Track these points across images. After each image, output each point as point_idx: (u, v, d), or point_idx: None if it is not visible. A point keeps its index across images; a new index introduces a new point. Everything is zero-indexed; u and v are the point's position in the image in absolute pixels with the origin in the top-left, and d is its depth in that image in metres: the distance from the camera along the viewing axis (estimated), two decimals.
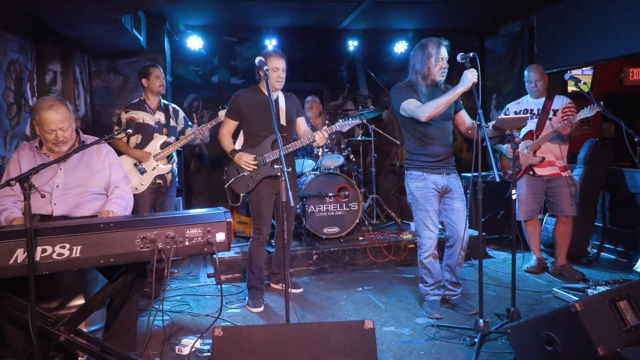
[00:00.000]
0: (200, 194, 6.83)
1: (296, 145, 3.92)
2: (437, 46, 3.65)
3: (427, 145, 3.71)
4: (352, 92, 7.51)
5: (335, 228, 5.53)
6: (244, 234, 5.58)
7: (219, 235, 2.62)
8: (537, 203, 4.78)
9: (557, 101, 4.71)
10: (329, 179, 5.58)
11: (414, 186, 3.77)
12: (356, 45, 7.20)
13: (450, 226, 3.79)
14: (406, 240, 5.39)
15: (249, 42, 6.94)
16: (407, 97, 3.64)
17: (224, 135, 4.06)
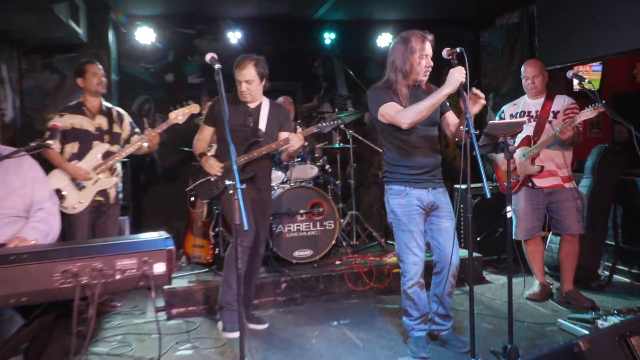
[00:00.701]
0: (153, 212, 6.74)
1: (267, 148, 4.06)
2: (421, 40, 3.60)
3: (410, 155, 3.66)
4: (329, 92, 7.48)
5: (308, 251, 5.47)
6: (201, 259, 5.49)
7: (158, 267, 2.50)
8: (537, 219, 4.75)
9: (558, 101, 4.69)
10: (301, 193, 5.52)
11: (395, 203, 3.71)
12: (333, 39, 7.17)
13: (437, 249, 3.74)
14: (390, 264, 5.33)
15: (210, 35, 6.88)
16: (385, 100, 3.59)
17: (198, 142, 4.28)
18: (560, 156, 4.65)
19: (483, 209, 5.77)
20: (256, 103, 4.24)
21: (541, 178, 4.65)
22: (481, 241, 5.92)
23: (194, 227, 5.57)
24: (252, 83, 4.10)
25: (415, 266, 3.69)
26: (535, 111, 4.72)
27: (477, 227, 5.90)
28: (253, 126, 4.17)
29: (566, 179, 4.66)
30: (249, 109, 4.20)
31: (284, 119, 4.30)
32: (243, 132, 4.14)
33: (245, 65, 4.06)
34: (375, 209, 7.33)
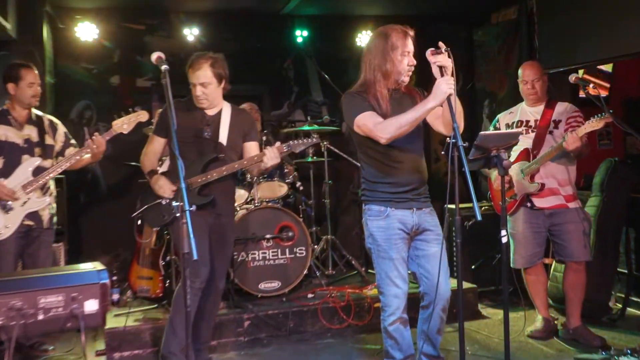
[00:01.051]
0: (94, 238, 6.65)
1: (235, 166, 4.03)
2: (402, 36, 3.62)
3: (392, 171, 3.65)
4: (302, 97, 7.49)
5: (275, 282, 5.43)
6: (149, 293, 5.42)
7: (90, 304, 2.45)
8: (538, 245, 4.76)
9: (560, 109, 4.73)
10: (267, 215, 5.50)
11: (374, 226, 3.69)
12: (306, 36, 7.19)
13: (424, 279, 3.71)
14: (372, 297, 5.31)
15: (162, 31, 6.88)
16: (362, 108, 3.57)
17: (146, 155, 4.23)
18: (562, 172, 4.66)
19: (478, 233, 5.77)
20: (215, 109, 4.17)
21: (541, 197, 4.66)
22: (476, 270, 5.92)
23: (141, 255, 5.49)
24: (209, 86, 4.03)
25: (397, 299, 3.66)
26: (535, 120, 4.75)
27: (472, 254, 5.90)
28: (212, 137, 4.10)
29: (570, 197, 4.67)
30: (206, 117, 4.14)
31: (248, 127, 4.25)
32: (199, 145, 4.09)
33: (200, 65, 3.99)
34: (355, 233, 7.30)
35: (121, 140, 4.74)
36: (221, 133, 4.12)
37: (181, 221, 2.97)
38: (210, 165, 4.04)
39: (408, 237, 3.69)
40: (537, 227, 4.72)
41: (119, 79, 6.83)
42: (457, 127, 3.14)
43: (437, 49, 3.37)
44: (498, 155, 3.35)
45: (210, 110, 4.16)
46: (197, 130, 4.09)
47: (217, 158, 4.06)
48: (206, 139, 4.10)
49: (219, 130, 4.12)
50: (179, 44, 6.69)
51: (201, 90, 4.03)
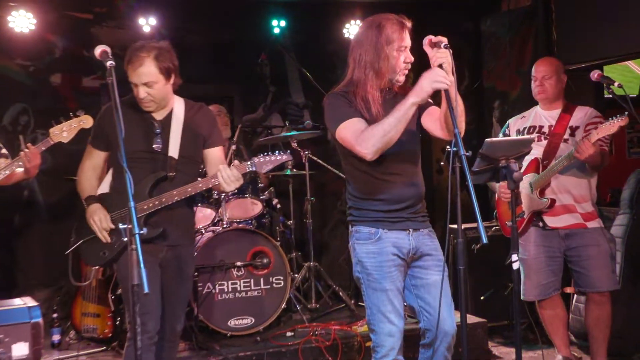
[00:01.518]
0: (32, 266, 6.62)
1: (181, 193, 3.80)
2: (399, 28, 3.62)
3: (383, 185, 3.65)
4: (279, 99, 7.50)
5: (248, 319, 5.43)
6: (95, 333, 5.38)
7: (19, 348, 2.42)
8: (553, 273, 4.77)
9: (578, 115, 4.77)
10: (238, 238, 5.50)
11: (363, 251, 3.69)
12: (284, 27, 7.21)
13: (425, 313, 3.70)
14: (362, 334, 5.29)
15: (113, 21, 6.87)
16: (346, 115, 3.54)
17: (84, 173, 4.03)
18: (579, 186, 4.68)
19: (488, 258, 5.81)
20: (165, 111, 3.98)
21: (554, 216, 4.68)
22: (486, 301, 5.93)
23: (87, 288, 5.45)
24: (155, 85, 3.82)
25: (391, 338, 3.65)
26: (549, 126, 4.80)
27: (481, 282, 5.94)
28: (162, 150, 3.91)
29: (588, 216, 4.70)
30: (154, 123, 3.94)
31: (208, 128, 4.06)
32: (147, 162, 3.88)
33: (141, 60, 3.76)
34: (343, 259, 7.31)
35: (63, 151, 4.71)
36: (171, 143, 3.92)
37: (130, 247, 2.94)
38: (158, 187, 3.85)
39: (404, 264, 3.67)
40: (551, 251, 4.73)
41: (61, 77, 6.80)
42: (459, 133, 3.14)
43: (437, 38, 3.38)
44: (507, 166, 3.37)
45: (159, 112, 3.96)
46: (143, 142, 3.88)
47: (167, 177, 3.87)
48: (156, 153, 3.90)
49: (169, 141, 3.92)
50: (132, 37, 6.65)
51: (145, 92, 3.81)
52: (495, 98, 7.41)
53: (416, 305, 3.72)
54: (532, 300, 4.86)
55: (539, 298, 4.82)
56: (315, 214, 6.45)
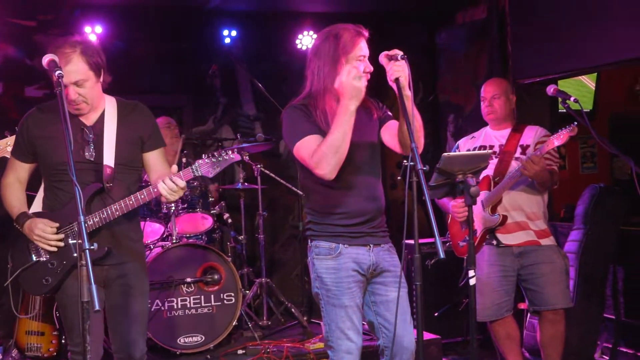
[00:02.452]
0: None
1: (128, 205, 3.56)
2: (356, 37, 3.64)
3: (344, 199, 3.65)
4: (231, 111, 7.48)
5: (198, 336, 5.41)
6: (39, 352, 5.28)
7: None
8: (506, 293, 4.80)
9: (528, 134, 4.83)
10: (188, 253, 5.49)
11: (322, 267, 3.68)
12: (235, 37, 7.19)
13: (384, 330, 3.71)
14: (316, 352, 5.31)
15: (58, 29, 6.75)
16: (304, 132, 3.54)
17: (8, 187, 3.76)
18: (531, 203, 4.75)
19: (442, 274, 5.86)
20: (96, 114, 3.69)
21: (508, 233, 4.72)
22: (440, 317, 5.98)
23: (30, 304, 5.33)
24: (86, 84, 3.52)
25: (348, 356, 3.65)
26: (499, 145, 4.85)
27: (435, 299, 5.97)
28: (96, 159, 3.63)
29: (541, 233, 4.75)
30: (85, 129, 3.65)
31: (146, 129, 3.77)
32: (82, 173, 3.51)
33: (68, 57, 3.47)
34: (295, 275, 7.33)
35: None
36: (106, 150, 3.62)
37: (79, 262, 2.84)
38: (95, 200, 3.60)
39: (364, 280, 3.68)
40: (504, 270, 4.75)
41: (2, 86, 6.70)
42: (416, 147, 3.17)
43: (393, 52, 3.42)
44: (465, 181, 3.40)
45: (89, 116, 3.66)
46: (75, 151, 3.44)
47: (104, 189, 3.60)
48: (89, 163, 3.63)
49: (102, 147, 3.62)
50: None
51: (76, 91, 3.51)
52: (450, 112, 7.48)
53: (375, 322, 3.73)
54: (485, 321, 4.86)
55: (492, 318, 4.82)
56: (267, 229, 6.45)
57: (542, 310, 4.79)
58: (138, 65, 6.98)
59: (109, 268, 3.66)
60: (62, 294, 3.66)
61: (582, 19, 5.73)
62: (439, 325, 5.92)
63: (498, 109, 4.84)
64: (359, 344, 3.68)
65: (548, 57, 6.07)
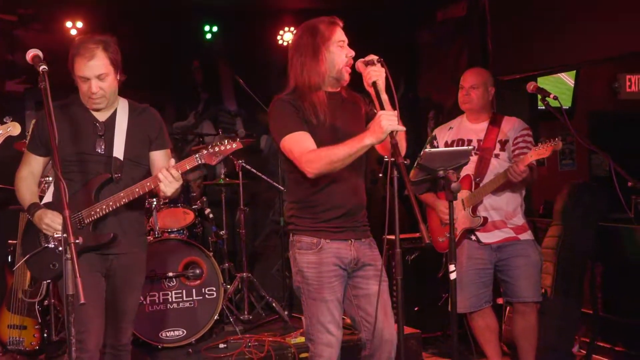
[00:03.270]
0: None
1: (134, 192, 3.70)
2: (330, 25, 3.69)
3: (324, 192, 3.68)
4: (212, 106, 7.47)
5: (180, 330, 5.42)
6: (21, 345, 5.27)
7: None
8: (484, 285, 4.84)
9: (507, 127, 4.84)
10: (169, 248, 5.51)
11: (304, 261, 3.71)
12: (216, 33, 7.20)
13: (365, 323, 3.74)
14: (297, 345, 5.33)
15: (38, 24, 6.77)
16: (292, 127, 3.59)
17: (22, 180, 3.90)
18: (509, 202, 4.77)
19: (421, 269, 5.92)
20: (109, 111, 3.88)
21: (486, 232, 4.76)
22: (420, 312, 6.02)
23: (12, 298, 5.35)
24: (107, 78, 3.72)
25: (329, 349, 3.69)
26: (477, 140, 4.85)
27: (415, 293, 5.99)
28: (106, 152, 3.82)
29: (519, 228, 4.78)
30: (97, 125, 3.84)
31: (154, 130, 3.96)
32: (90, 165, 3.80)
33: (92, 52, 3.66)
34: (276, 270, 7.33)
35: None
36: (116, 144, 3.82)
37: (65, 256, 2.90)
38: (104, 190, 3.76)
39: (345, 274, 3.71)
40: (482, 263, 4.80)
41: None
42: (397, 144, 3.21)
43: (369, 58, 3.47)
44: (446, 177, 3.43)
45: (102, 113, 3.86)
46: (86, 144, 3.79)
47: (112, 179, 3.77)
48: (100, 156, 3.81)
49: (113, 142, 3.82)
50: (59, 40, 6.59)
51: (98, 85, 3.68)
52: (430, 108, 7.51)
53: (357, 315, 3.75)
54: (464, 312, 4.90)
55: (471, 310, 4.86)
56: (248, 224, 6.46)
57: (514, 302, 4.84)
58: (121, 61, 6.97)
59: (113, 258, 3.84)
60: None
61: (561, 17, 5.77)
62: (418, 319, 5.95)
63: (475, 99, 4.83)
64: (339, 337, 3.71)
65: (528, 54, 6.12)
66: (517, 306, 4.82)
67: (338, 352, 3.73)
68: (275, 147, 3.75)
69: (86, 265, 3.66)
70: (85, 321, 3.65)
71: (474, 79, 4.86)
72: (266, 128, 7.33)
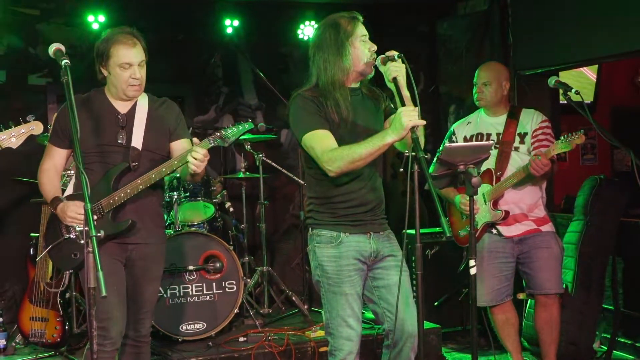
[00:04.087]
0: None
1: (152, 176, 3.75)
2: (352, 20, 3.69)
3: (344, 187, 3.69)
4: (232, 100, 7.47)
5: (200, 324, 5.42)
6: (43, 338, 5.31)
7: None
8: (506, 278, 4.84)
9: (525, 119, 4.81)
10: (190, 242, 5.50)
11: (324, 255, 3.72)
12: (237, 26, 7.19)
13: (388, 314, 3.74)
14: (316, 340, 5.34)
15: (60, 18, 6.78)
16: (314, 124, 3.60)
17: (44, 173, 3.94)
18: (530, 195, 4.75)
19: (441, 264, 5.91)
20: (129, 104, 3.94)
21: (508, 226, 4.75)
22: (439, 307, 6.02)
23: (34, 291, 5.39)
24: (144, 66, 3.86)
25: (349, 342, 3.69)
26: (497, 134, 4.84)
27: (435, 288, 6.00)
28: (126, 143, 3.86)
29: (541, 220, 4.78)
30: (119, 116, 3.90)
31: (174, 121, 4.01)
32: (111, 156, 3.86)
33: (133, 40, 3.79)
34: (296, 264, 7.33)
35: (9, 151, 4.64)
36: (135, 134, 3.88)
37: (86, 249, 2.93)
38: (123, 179, 3.81)
39: (365, 268, 3.72)
40: (504, 256, 4.79)
41: (5, 75, 6.66)
42: (417, 138, 3.21)
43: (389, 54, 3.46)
44: (466, 171, 3.42)
45: (125, 104, 3.92)
46: (108, 135, 3.85)
47: (130, 168, 3.82)
48: (120, 147, 3.86)
49: (132, 132, 3.88)
50: (80, 34, 6.62)
51: (140, 72, 3.81)
52: (451, 103, 7.48)
53: (378, 307, 3.76)
54: (485, 306, 4.89)
55: (492, 303, 4.85)
56: (268, 218, 6.46)
57: (536, 294, 4.82)
58: None
59: (133, 248, 3.89)
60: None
61: (583, 11, 5.75)
62: (438, 314, 5.95)
63: (488, 96, 4.83)
64: (359, 331, 3.72)
65: (549, 49, 6.08)
66: (539, 298, 4.80)
67: (358, 346, 3.73)
68: (295, 141, 3.74)
69: (107, 254, 3.72)
70: (107, 309, 3.70)
71: (486, 75, 4.87)
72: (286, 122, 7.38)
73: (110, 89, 3.91)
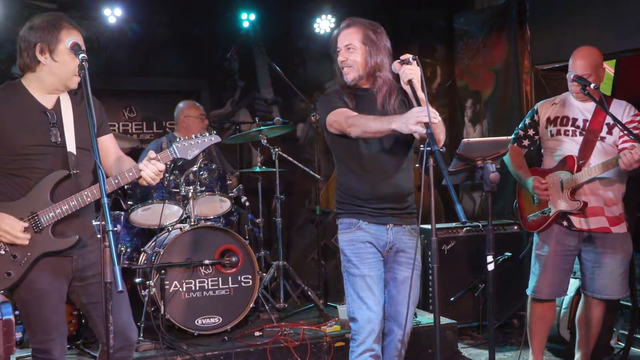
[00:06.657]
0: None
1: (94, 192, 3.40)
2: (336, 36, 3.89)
3: (366, 179, 3.80)
4: (248, 94, 7.48)
5: (216, 318, 5.42)
6: None
7: None
8: (566, 273, 4.72)
9: (616, 110, 4.56)
10: (206, 236, 5.49)
11: (343, 240, 3.86)
12: (253, 21, 7.19)
13: (388, 302, 3.84)
14: (332, 335, 5.34)
15: (77, 12, 6.73)
16: (335, 106, 3.74)
17: None
18: (611, 189, 4.56)
19: (459, 258, 5.86)
20: (53, 98, 3.50)
21: (582, 217, 4.58)
22: (456, 302, 5.99)
23: None
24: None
25: (369, 324, 3.74)
26: (584, 120, 4.62)
27: (451, 282, 5.98)
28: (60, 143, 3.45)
29: (615, 220, 4.59)
30: (47, 112, 3.46)
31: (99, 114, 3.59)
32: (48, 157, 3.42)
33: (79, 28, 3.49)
34: (312, 259, 7.34)
35: None
36: (67, 134, 3.48)
37: (102, 244, 2.89)
38: (60, 188, 3.41)
39: (380, 255, 3.81)
40: (568, 249, 4.65)
41: None
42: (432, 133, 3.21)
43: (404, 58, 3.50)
44: (484, 166, 3.40)
45: (48, 99, 3.49)
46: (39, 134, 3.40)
47: (69, 177, 3.43)
48: (54, 146, 3.43)
49: (63, 129, 3.46)
50: (98, 28, 6.62)
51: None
52: (467, 97, 7.46)
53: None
54: (542, 298, 4.76)
55: (551, 297, 4.76)
56: (284, 212, 6.45)
57: (590, 297, 4.74)
58: (156, 49, 7.02)
59: (77, 258, 3.50)
60: (27, 288, 3.40)
61: (601, 5, 5.72)
62: (454, 309, 5.94)
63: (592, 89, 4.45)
64: (380, 315, 3.78)
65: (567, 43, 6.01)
66: (590, 299, 4.75)
67: (379, 329, 3.79)
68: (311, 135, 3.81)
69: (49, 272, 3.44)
70: (49, 330, 3.44)
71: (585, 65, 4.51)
72: (302, 116, 7.38)
73: (42, 79, 3.43)
